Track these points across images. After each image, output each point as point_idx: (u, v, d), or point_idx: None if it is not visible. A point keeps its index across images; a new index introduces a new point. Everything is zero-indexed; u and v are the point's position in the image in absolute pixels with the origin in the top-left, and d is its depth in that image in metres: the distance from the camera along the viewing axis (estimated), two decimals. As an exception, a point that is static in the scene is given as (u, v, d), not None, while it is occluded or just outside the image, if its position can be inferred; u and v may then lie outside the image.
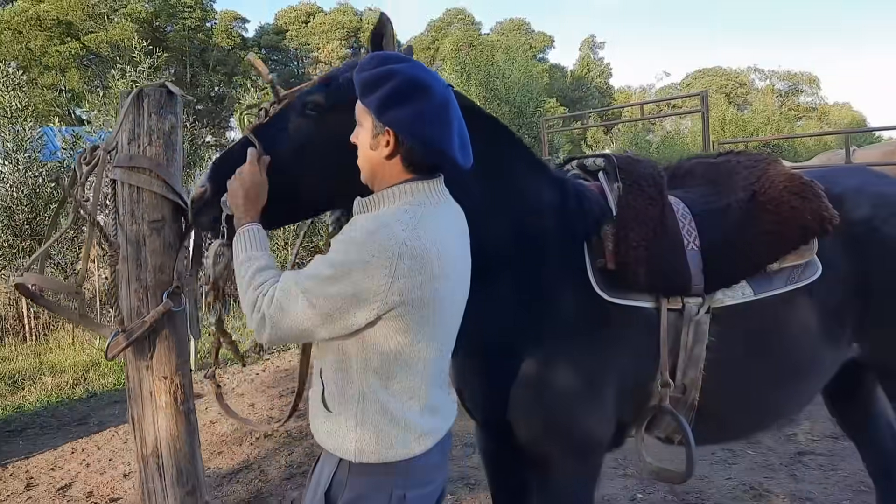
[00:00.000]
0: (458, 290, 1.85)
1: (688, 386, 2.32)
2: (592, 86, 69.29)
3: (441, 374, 1.88)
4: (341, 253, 1.67)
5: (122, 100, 2.23)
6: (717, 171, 2.53)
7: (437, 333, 1.77)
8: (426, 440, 1.80)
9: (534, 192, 2.25)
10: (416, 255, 1.65)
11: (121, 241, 2.21)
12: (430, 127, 1.71)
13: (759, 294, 2.32)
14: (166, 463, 2.28)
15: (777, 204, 2.30)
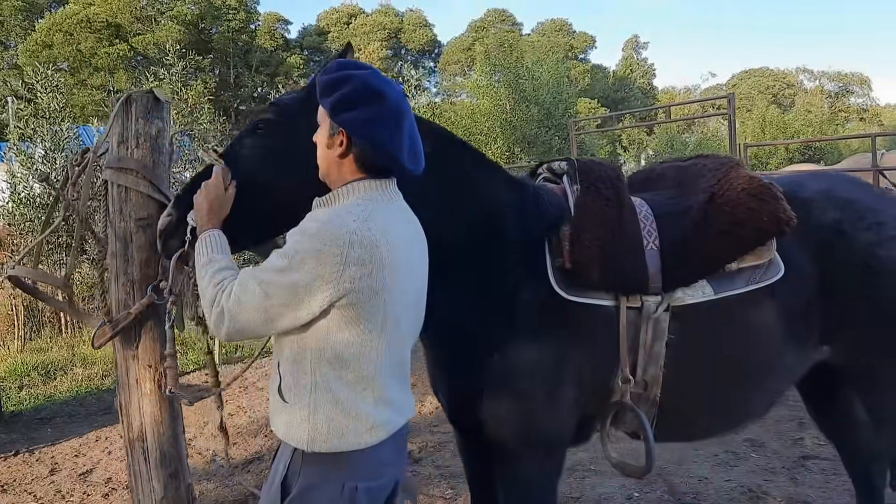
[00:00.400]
0: (410, 286, 1.93)
1: (649, 382, 2.37)
2: (635, 86, 68.61)
3: (396, 368, 1.92)
4: (295, 243, 1.78)
5: (112, 106, 2.38)
6: (685, 174, 2.59)
7: (388, 325, 1.85)
8: (378, 432, 1.85)
9: (491, 195, 2.34)
10: (366, 245, 1.75)
11: (110, 238, 2.36)
12: (381, 130, 1.83)
13: (719, 293, 2.37)
14: (151, 447, 2.42)
15: (734, 206, 2.35)
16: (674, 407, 2.45)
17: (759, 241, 2.36)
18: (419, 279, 2.00)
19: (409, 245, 1.93)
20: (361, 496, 1.85)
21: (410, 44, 64.00)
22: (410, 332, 2.00)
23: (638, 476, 2.50)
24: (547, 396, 2.30)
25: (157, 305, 2.35)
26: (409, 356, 2.01)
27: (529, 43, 59.39)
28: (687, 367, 2.40)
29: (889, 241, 2.51)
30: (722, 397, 2.52)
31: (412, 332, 2.01)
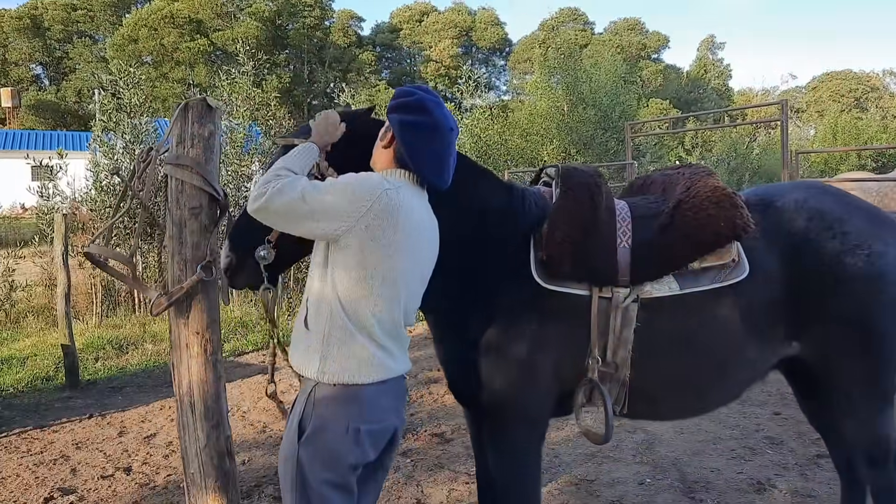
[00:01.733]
0: (416, 262, 2.31)
1: (619, 364, 2.68)
2: (709, 87, 67.33)
3: (392, 327, 2.28)
4: (340, 181, 2.23)
5: (174, 111, 2.81)
6: (669, 181, 2.89)
7: (388, 283, 2.22)
8: (380, 370, 2.23)
9: (483, 197, 2.69)
10: (391, 205, 2.19)
11: (168, 223, 2.80)
12: (416, 136, 2.32)
13: (684, 289, 2.66)
14: (196, 401, 2.85)
15: (696, 211, 2.64)
16: (642, 388, 2.74)
17: (718, 243, 2.63)
18: (425, 261, 2.37)
19: (423, 228, 2.33)
20: (364, 437, 2.22)
21: (481, 42, 64.33)
22: (409, 302, 2.35)
23: (598, 443, 2.80)
24: (529, 372, 2.63)
25: (206, 281, 2.78)
26: (404, 323, 2.35)
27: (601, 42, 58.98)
28: (654, 352, 2.69)
29: (852, 249, 2.75)
30: (685, 382, 2.79)
31: (411, 302, 2.36)
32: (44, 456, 5.21)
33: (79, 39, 55.82)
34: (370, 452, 2.29)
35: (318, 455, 2.24)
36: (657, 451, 5.03)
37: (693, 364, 2.75)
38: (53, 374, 7.21)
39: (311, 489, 2.26)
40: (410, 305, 2.39)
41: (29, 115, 49.66)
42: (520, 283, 2.62)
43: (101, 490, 4.62)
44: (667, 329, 2.70)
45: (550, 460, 4.93)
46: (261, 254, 2.51)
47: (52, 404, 6.47)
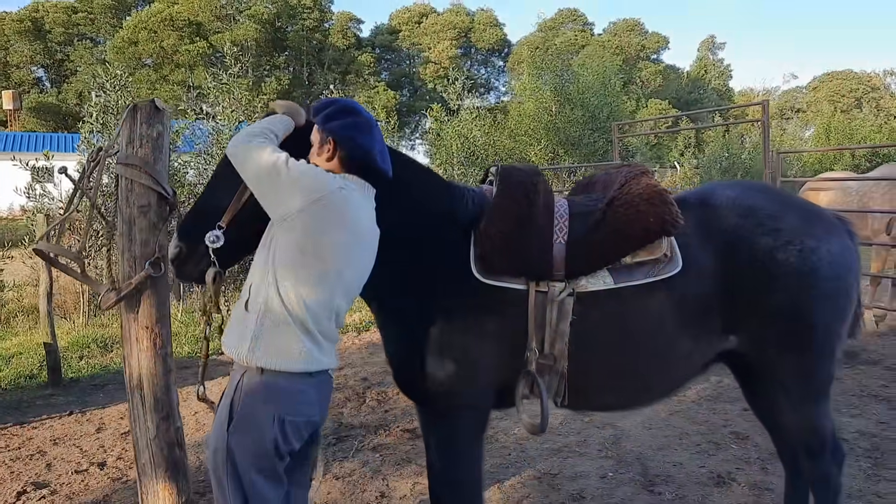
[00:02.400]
0: (357, 262, 2.42)
1: (557, 356, 2.77)
2: (710, 88, 67.34)
3: (324, 319, 2.37)
4: (306, 164, 2.37)
5: (122, 112, 2.91)
6: (608, 180, 2.98)
7: (326, 269, 2.32)
8: (306, 359, 2.32)
9: (426, 197, 2.79)
10: (338, 201, 2.32)
11: (118, 221, 2.89)
12: (358, 133, 2.44)
13: (618, 283, 2.75)
14: (146, 393, 2.94)
15: (626, 208, 2.74)
16: (580, 379, 2.83)
17: (647, 238, 2.72)
18: (362, 268, 2.49)
19: (367, 234, 2.45)
20: (287, 427, 2.32)
21: (480, 43, 64.42)
22: (342, 303, 2.44)
23: (534, 433, 2.88)
24: (469, 363, 2.72)
25: (155, 277, 2.87)
26: (335, 318, 2.44)
27: (600, 43, 59.06)
28: (590, 345, 2.78)
29: (784, 246, 2.83)
30: (622, 374, 2.88)
31: (343, 303, 2.45)
32: (21, 451, 5.31)
33: (79, 42, 56.05)
34: (294, 443, 2.38)
35: (246, 443, 2.32)
36: (623, 446, 5.11)
37: (628, 356, 2.83)
38: (37, 372, 7.31)
39: (243, 477, 2.34)
40: (343, 306, 2.47)
41: (30, 117, 49.84)
42: (460, 277, 2.71)
43: (73, 484, 4.71)
44: (602, 322, 2.79)
45: (517, 455, 5.01)
46: (210, 238, 2.56)
47: (34, 402, 6.56)
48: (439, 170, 17.01)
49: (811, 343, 2.90)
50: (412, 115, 58.28)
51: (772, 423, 3.31)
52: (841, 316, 2.91)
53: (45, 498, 4.50)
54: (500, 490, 4.44)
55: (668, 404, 6.03)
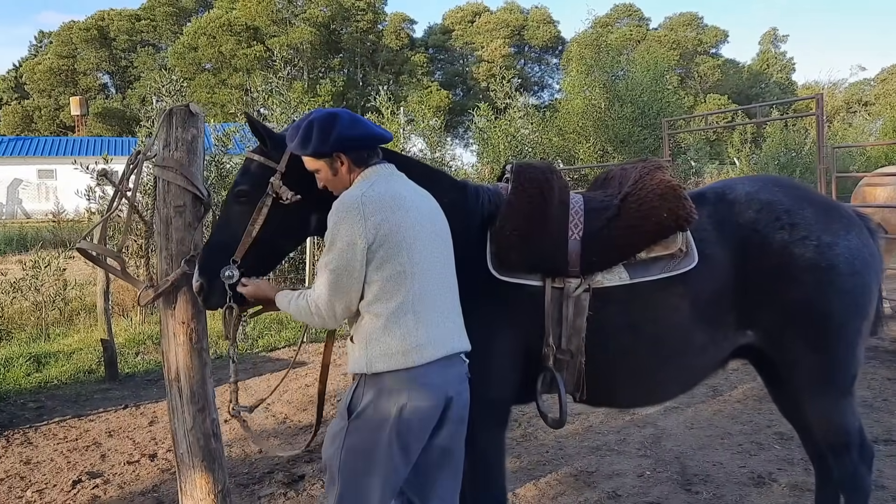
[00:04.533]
0: (427, 225, 2.47)
1: (574, 352, 2.79)
2: (772, 81, 65.63)
3: (434, 298, 2.43)
4: (329, 227, 2.40)
5: (159, 116, 3.04)
6: (624, 175, 2.99)
7: (415, 256, 2.38)
8: (422, 351, 2.35)
9: (439, 197, 2.82)
10: (374, 199, 2.37)
11: (155, 221, 3.02)
12: (355, 128, 2.49)
13: (634, 279, 2.76)
14: (184, 386, 3.07)
15: (640, 203, 2.74)
16: (598, 374, 2.84)
17: (661, 234, 2.72)
18: (434, 222, 2.53)
19: (417, 197, 2.51)
20: (409, 415, 2.35)
21: (534, 41, 64.10)
22: (444, 267, 2.51)
23: (554, 427, 2.90)
24: (487, 358, 2.75)
25: (190, 274, 2.99)
26: (447, 290, 2.50)
27: (656, 38, 58.14)
28: (607, 340, 2.79)
29: (800, 241, 2.80)
30: (639, 369, 2.88)
31: (443, 268, 2.51)
32: (78, 443, 5.55)
33: (142, 48, 57.85)
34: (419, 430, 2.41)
35: (363, 429, 2.40)
36: (663, 445, 5.07)
37: (645, 351, 2.83)
38: (96, 367, 7.61)
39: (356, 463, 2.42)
40: (441, 265, 2.50)
41: (96, 122, 51.68)
42: (477, 275, 2.75)
43: (125, 474, 4.91)
44: (618, 317, 2.80)
45: (555, 453, 5.02)
46: (226, 274, 2.70)
47: (92, 395, 6.84)
48: (486, 168, 17.03)
49: (829, 340, 2.86)
50: (465, 115, 58.33)
51: (796, 421, 3.27)
52: (860, 313, 2.86)
53: (98, 487, 4.70)
54: (536, 487, 4.46)
55: (711, 404, 5.96)
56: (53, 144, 39.91)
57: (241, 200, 2.75)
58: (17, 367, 7.46)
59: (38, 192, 36.59)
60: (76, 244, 2.86)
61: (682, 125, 14.39)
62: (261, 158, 2.75)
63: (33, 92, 56.96)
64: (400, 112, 16.22)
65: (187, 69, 47.18)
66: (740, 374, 6.53)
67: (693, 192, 2.95)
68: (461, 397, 2.50)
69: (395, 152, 2.92)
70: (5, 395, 6.69)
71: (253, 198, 2.70)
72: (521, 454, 5.01)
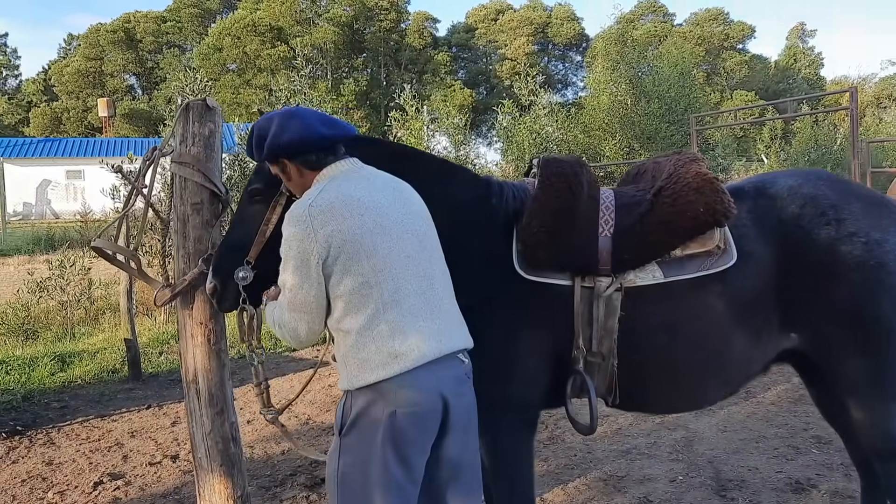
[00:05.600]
0: (393, 223, 2.24)
1: (605, 354, 2.65)
2: (800, 77, 64.76)
3: (410, 301, 2.20)
4: (282, 243, 2.25)
5: (176, 111, 2.96)
6: (657, 169, 2.84)
7: (379, 262, 2.17)
8: (402, 360, 2.13)
9: (456, 192, 2.72)
10: (323, 208, 2.17)
11: (172, 218, 2.94)
12: (285, 133, 2.29)
13: (669, 277, 2.62)
14: (202, 388, 2.98)
15: (675, 198, 2.60)
16: (631, 378, 2.71)
17: (697, 229, 2.57)
18: (404, 216, 2.29)
19: (377, 195, 2.27)
20: (402, 420, 2.13)
21: (557, 38, 63.79)
22: (417, 266, 2.25)
23: (584, 433, 2.76)
24: (513, 361, 2.63)
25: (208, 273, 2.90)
26: (429, 289, 2.26)
27: (681, 34, 57.52)
28: (640, 342, 2.65)
29: (847, 237, 2.62)
30: (675, 373, 2.73)
31: (416, 261, 2.26)
32: (100, 443, 5.51)
33: (168, 50, 58.39)
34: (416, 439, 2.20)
35: (355, 443, 2.22)
36: (695, 449, 4.91)
37: (681, 354, 2.69)
38: (119, 367, 7.60)
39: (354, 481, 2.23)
40: (418, 259, 2.27)
41: (123, 123, 52.28)
42: (502, 274, 2.63)
43: (147, 476, 4.86)
44: (652, 318, 2.66)
45: (583, 456, 4.89)
46: (240, 275, 2.58)
47: (115, 395, 6.82)
48: (511, 166, 16.87)
49: (878, 342, 2.68)
50: (489, 113, 58.15)
51: (840, 426, 3.12)
52: None
53: (119, 489, 4.65)
54: (564, 492, 4.33)
55: (745, 406, 5.79)
56: (81, 145, 40.43)
57: (255, 199, 2.64)
58: (41, 366, 7.47)
59: (66, 193, 37.05)
60: (92, 242, 2.79)
61: (710, 121, 14.13)
62: None
63: (62, 94, 57.79)
64: (423, 110, 16.11)
65: (212, 70, 47.54)
66: (773, 374, 6.33)
67: (730, 186, 2.80)
68: (462, 400, 2.28)
69: (405, 147, 2.82)
70: (30, 395, 6.69)
71: (267, 196, 2.60)
72: (548, 457, 4.88)
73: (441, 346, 2.23)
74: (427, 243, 2.34)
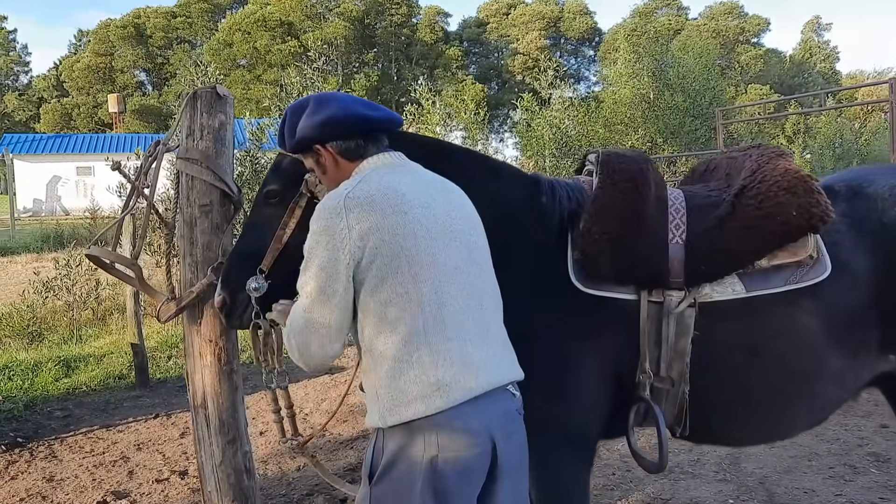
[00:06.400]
0: (441, 226, 1.88)
1: (675, 379, 2.30)
2: (815, 71, 64.03)
3: (457, 320, 1.84)
4: (308, 239, 1.88)
5: (182, 100, 2.61)
6: (733, 165, 2.48)
7: (423, 271, 1.81)
8: (447, 393, 1.78)
9: (500, 192, 2.36)
10: (361, 202, 1.81)
11: (178, 222, 2.60)
12: (321, 112, 1.97)
13: (751, 291, 2.26)
14: (211, 414, 2.65)
15: (762, 199, 2.23)
16: (704, 407, 2.36)
17: (789, 236, 2.22)
18: (454, 220, 1.94)
19: (424, 192, 1.91)
20: (445, 467, 1.78)
21: (570, 32, 63.25)
22: (463, 274, 1.89)
23: (652, 471, 2.43)
24: (568, 387, 2.29)
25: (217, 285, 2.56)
26: (478, 308, 1.90)
27: (696, 27, 56.91)
28: (717, 366, 2.31)
29: None
30: (756, 402, 2.39)
31: (465, 273, 1.90)
32: (104, 457, 5.20)
33: (178, 45, 58.22)
34: (461, 489, 1.84)
35: (388, 494, 1.85)
36: (743, 468, 4.55)
37: (764, 380, 2.34)
38: (126, 372, 7.28)
39: None
40: (471, 290, 1.90)
41: (133, 119, 52.15)
42: (555, 287, 2.28)
43: (153, 494, 4.54)
44: (731, 339, 2.31)
45: (622, 475, 4.53)
46: (252, 286, 2.23)
47: (122, 403, 6.50)
48: (530, 162, 16.46)
49: None
50: (500, 108, 57.72)
51: None
52: None
53: (123, 509, 4.34)
54: (605, 517, 3.98)
55: (791, 418, 5.41)
56: (91, 142, 40.22)
57: (271, 202, 2.30)
58: (45, 371, 7.15)
59: (76, 189, 36.84)
60: (85, 251, 2.45)
61: (736, 114, 13.67)
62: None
63: (72, 90, 57.79)
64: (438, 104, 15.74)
65: (222, 65, 47.29)
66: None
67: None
68: (513, 440, 1.93)
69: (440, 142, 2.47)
70: (32, 403, 6.37)
71: (285, 198, 2.26)
72: (584, 477, 4.53)
73: (491, 377, 1.87)
74: (477, 255, 1.97)
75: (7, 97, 63.34)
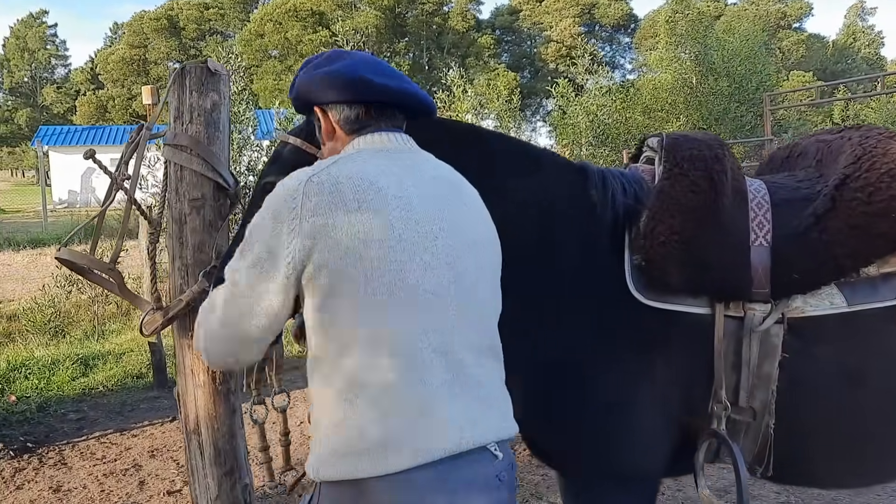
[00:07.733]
0: (418, 239, 1.45)
1: (758, 410, 1.92)
2: (859, 57, 62.34)
3: (425, 357, 1.42)
4: (255, 216, 1.52)
5: (169, 77, 2.25)
6: (827, 150, 2.05)
7: (383, 290, 1.40)
8: (401, 454, 1.38)
9: (543, 185, 1.96)
10: (324, 189, 1.42)
11: (166, 219, 2.24)
12: (330, 66, 1.63)
13: (854, 305, 1.86)
14: (205, 441, 2.28)
15: (871, 192, 1.81)
16: (792, 443, 1.96)
17: None
18: (441, 226, 1.50)
19: (411, 184, 1.50)
20: None
21: (605, 19, 62.23)
22: (441, 300, 1.45)
23: None
24: (623, 419, 1.91)
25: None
26: (466, 339, 1.48)
27: (735, 12, 55.61)
28: (810, 395, 1.92)
29: None
30: (858, 438, 1.98)
31: (444, 299, 1.46)
32: (116, 465, 4.92)
33: (211, 37, 58.50)
34: None
35: None
36: (808, 489, 4.10)
37: (867, 413, 1.94)
38: (145, 371, 7.03)
39: None
40: (460, 315, 1.48)
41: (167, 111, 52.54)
42: (608, 299, 1.89)
43: (163, 508, 4.24)
44: (828, 362, 1.92)
45: (672, 495, 4.13)
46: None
47: (138, 405, 6.24)
48: (565, 151, 15.94)
49: None
50: (533, 97, 56.98)
51: None
52: None
53: (131, 525, 4.04)
54: (655, 545, 3.56)
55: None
56: (126, 133, 40.51)
57: None
58: (63, 370, 6.91)
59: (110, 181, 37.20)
60: (55, 254, 2.11)
61: (783, 100, 13.04)
62: (296, 141, 1.92)
63: (107, 82, 58.44)
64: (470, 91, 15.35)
65: (254, 56, 47.41)
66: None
67: None
68: None
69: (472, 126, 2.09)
70: (46, 405, 6.11)
71: None
72: (630, 496, 4.12)
73: (463, 435, 1.43)
74: (469, 277, 1.51)
75: (46, 90, 64.34)
